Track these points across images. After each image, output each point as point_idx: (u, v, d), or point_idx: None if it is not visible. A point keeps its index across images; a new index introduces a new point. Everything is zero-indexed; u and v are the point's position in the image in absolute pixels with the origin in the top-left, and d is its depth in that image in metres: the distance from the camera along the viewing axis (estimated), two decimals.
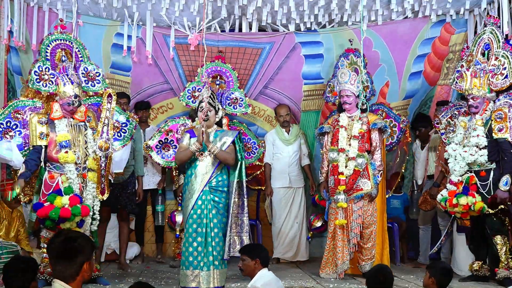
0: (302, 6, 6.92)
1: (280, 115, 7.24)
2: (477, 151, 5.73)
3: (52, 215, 5.10)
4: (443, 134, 6.32)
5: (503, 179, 5.63)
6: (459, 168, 5.79)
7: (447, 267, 4.51)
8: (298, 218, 7.20)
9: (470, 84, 5.85)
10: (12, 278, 3.79)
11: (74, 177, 5.32)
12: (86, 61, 5.70)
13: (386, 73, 7.40)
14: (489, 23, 6.01)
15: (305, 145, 7.41)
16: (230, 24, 7.44)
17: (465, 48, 6.30)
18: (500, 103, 5.82)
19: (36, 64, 5.48)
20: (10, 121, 5.43)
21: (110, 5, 6.79)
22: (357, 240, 6.04)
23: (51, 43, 5.57)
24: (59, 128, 5.37)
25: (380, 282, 3.99)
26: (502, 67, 5.82)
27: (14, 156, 5.35)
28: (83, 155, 5.43)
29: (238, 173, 5.43)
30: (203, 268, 5.25)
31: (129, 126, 5.87)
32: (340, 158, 6.05)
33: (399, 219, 7.35)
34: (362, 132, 6.06)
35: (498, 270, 5.69)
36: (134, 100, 7.25)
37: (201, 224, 5.29)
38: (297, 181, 7.27)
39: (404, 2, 6.96)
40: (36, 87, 5.44)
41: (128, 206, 6.45)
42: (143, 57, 7.23)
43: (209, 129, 5.46)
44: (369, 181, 6.01)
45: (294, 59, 7.52)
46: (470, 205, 5.60)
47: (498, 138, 5.70)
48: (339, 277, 6.05)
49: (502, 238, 5.74)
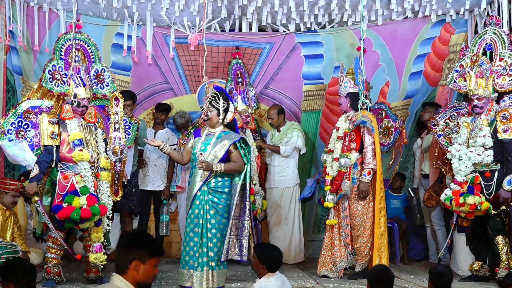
0: (302, 6, 6.93)
1: (267, 116, 7.24)
2: (484, 151, 5.73)
3: (74, 217, 5.13)
4: (440, 136, 6.32)
5: (506, 179, 5.65)
6: (465, 168, 5.77)
7: (443, 271, 4.45)
8: (287, 219, 7.12)
9: (475, 84, 5.84)
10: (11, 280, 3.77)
11: (89, 175, 5.32)
12: (97, 63, 5.69)
13: (386, 73, 7.40)
14: (491, 24, 6.01)
15: (295, 138, 7.06)
16: (230, 24, 7.44)
17: (464, 47, 6.29)
18: (505, 104, 5.82)
19: (51, 63, 5.45)
20: (22, 121, 5.43)
21: (110, 5, 6.80)
22: (349, 240, 6.09)
23: (66, 42, 5.55)
24: (71, 127, 5.37)
25: (383, 282, 3.99)
26: (509, 68, 5.82)
27: (27, 156, 5.36)
28: (95, 154, 5.44)
29: (243, 176, 5.41)
30: (197, 269, 5.25)
31: (132, 128, 5.87)
32: (328, 159, 6.17)
33: (399, 219, 7.35)
34: (346, 132, 6.10)
35: (498, 269, 5.70)
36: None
37: (198, 224, 5.29)
38: (282, 181, 7.16)
39: (404, 2, 6.97)
40: (49, 86, 5.42)
41: (126, 207, 6.42)
42: (143, 57, 7.23)
43: (213, 129, 5.44)
44: (349, 181, 6.06)
45: (294, 59, 7.52)
46: (477, 204, 5.60)
47: (503, 139, 5.71)
48: (338, 275, 6.09)
49: (504, 238, 5.76)
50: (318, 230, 7.69)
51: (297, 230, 7.18)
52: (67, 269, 5.94)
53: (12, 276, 3.77)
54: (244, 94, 6.96)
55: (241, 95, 6.95)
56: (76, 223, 5.24)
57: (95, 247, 5.47)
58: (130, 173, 6.22)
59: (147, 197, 7.09)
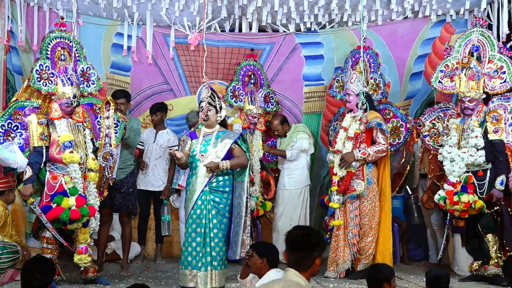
0: (302, 6, 6.94)
1: (272, 128, 7.21)
2: (476, 152, 5.80)
3: (63, 218, 5.15)
4: (426, 137, 6.34)
5: (498, 179, 5.76)
6: (458, 169, 5.85)
7: (439, 274, 4.41)
8: (293, 220, 7.11)
9: (467, 86, 5.89)
10: (31, 278, 3.74)
11: (79, 177, 5.33)
12: (82, 61, 5.72)
13: (387, 74, 7.38)
14: (476, 25, 6.06)
15: (300, 141, 7.05)
16: (230, 24, 7.44)
17: (448, 48, 6.28)
18: (494, 105, 5.95)
19: (38, 63, 5.48)
20: (11, 122, 5.44)
21: (110, 5, 6.81)
22: (356, 240, 6.06)
23: (51, 41, 5.58)
24: (61, 128, 5.37)
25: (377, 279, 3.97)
26: (501, 71, 5.91)
27: (18, 158, 5.34)
28: (84, 155, 5.44)
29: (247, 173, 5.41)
30: (201, 269, 5.23)
31: (119, 126, 5.88)
32: (335, 160, 6.12)
33: (399, 219, 7.33)
34: (357, 133, 6.08)
35: (488, 267, 5.78)
36: (133, 101, 7.22)
37: (200, 224, 5.27)
38: (292, 183, 7.17)
39: (404, 2, 6.98)
40: (37, 86, 5.44)
41: (123, 207, 6.39)
42: (143, 57, 7.24)
43: (210, 129, 5.43)
44: (363, 182, 6.04)
45: (294, 60, 7.53)
46: (471, 203, 5.66)
47: (494, 140, 5.81)
48: (340, 276, 6.07)
49: (493, 236, 5.84)
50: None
51: None
52: (67, 269, 5.93)
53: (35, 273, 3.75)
54: (250, 95, 6.96)
55: (248, 96, 6.94)
56: (65, 224, 5.25)
57: (81, 248, 5.46)
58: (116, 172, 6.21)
59: (147, 197, 7.08)
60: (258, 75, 7.16)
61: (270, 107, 7.19)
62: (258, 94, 7.04)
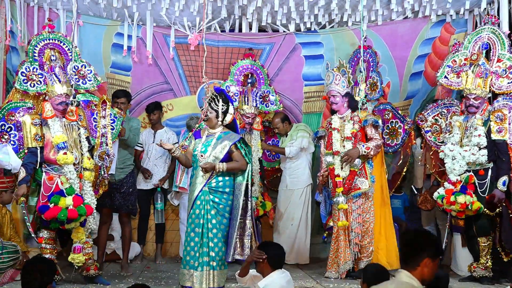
0: (302, 6, 6.94)
1: (272, 126, 7.24)
2: (478, 151, 5.75)
3: (61, 217, 5.15)
4: (428, 132, 6.32)
5: (501, 180, 5.71)
6: (459, 168, 5.80)
7: (438, 275, 4.39)
8: (294, 220, 7.11)
9: (474, 84, 5.84)
10: (31, 278, 3.74)
11: (74, 177, 5.35)
12: (76, 59, 5.73)
13: (387, 74, 7.39)
14: (488, 22, 6.01)
15: (300, 139, 7.06)
16: (230, 24, 7.45)
17: (457, 44, 6.25)
18: (499, 104, 5.87)
19: (23, 65, 5.54)
20: (5, 124, 5.46)
21: (110, 5, 6.81)
22: (359, 240, 6.06)
23: (39, 43, 5.63)
24: (54, 129, 5.38)
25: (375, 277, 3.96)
26: (509, 70, 5.87)
27: (12, 159, 5.35)
28: (79, 154, 5.45)
29: (247, 175, 5.41)
30: (197, 268, 5.22)
31: (116, 123, 5.88)
32: (336, 161, 6.11)
33: (399, 219, 7.33)
34: (354, 132, 6.09)
35: (476, 267, 5.81)
36: (134, 101, 7.23)
37: (198, 224, 5.26)
38: (294, 183, 7.18)
39: (404, 2, 6.98)
40: (23, 88, 5.49)
41: (123, 207, 6.40)
42: (143, 57, 7.24)
43: (213, 130, 5.41)
44: (367, 180, 6.04)
45: (294, 60, 7.53)
46: (468, 204, 5.63)
47: (497, 140, 5.75)
48: (341, 277, 6.06)
49: (487, 239, 5.82)
50: (317, 233, 7.65)
51: (303, 232, 7.14)
52: (67, 269, 5.93)
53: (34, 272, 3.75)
54: (245, 95, 6.94)
55: (242, 95, 6.93)
56: (63, 224, 5.26)
57: (75, 247, 5.46)
58: (114, 170, 6.20)
59: (147, 196, 7.09)
60: (257, 74, 7.14)
61: (271, 106, 7.18)
62: (254, 94, 7.01)
